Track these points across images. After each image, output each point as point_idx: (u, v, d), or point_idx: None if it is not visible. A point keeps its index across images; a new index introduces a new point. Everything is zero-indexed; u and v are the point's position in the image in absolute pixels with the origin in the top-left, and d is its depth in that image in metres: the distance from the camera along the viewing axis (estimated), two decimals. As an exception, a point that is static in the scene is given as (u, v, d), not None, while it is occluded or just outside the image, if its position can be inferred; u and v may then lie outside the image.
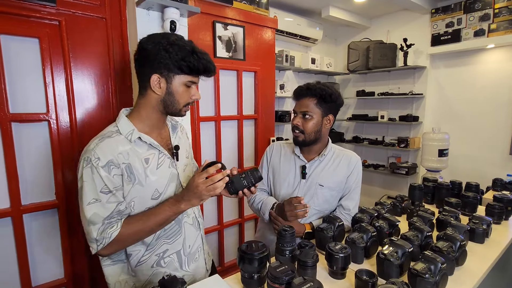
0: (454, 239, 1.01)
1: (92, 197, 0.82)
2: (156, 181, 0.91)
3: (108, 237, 0.83)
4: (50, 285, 1.42)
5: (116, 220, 0.85)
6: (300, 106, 1.26)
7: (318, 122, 1.25)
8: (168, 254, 0.96)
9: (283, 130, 3.52)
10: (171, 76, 0.87)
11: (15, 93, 1.27)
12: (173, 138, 1.01)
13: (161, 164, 0.93)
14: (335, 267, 0.94)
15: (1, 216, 1.27)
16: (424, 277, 0.83)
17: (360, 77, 3.93)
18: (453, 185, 1.65)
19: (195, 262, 1.03)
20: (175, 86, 0.89)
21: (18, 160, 1.29)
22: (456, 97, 3.22)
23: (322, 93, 1.22)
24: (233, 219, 2.29)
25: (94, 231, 0.83)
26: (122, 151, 0.85)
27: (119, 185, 0.85)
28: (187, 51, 0.86)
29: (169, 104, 0.91)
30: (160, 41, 0.85)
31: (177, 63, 0.85)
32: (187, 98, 0.92)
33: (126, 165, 0.85)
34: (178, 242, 0.98)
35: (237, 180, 0.96)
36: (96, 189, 0.82)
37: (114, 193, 0.84)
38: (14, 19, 1.23)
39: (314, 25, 3.38)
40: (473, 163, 3.12)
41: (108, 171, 0.82)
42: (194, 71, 0.88)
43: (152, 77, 0.87)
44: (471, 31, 2.92)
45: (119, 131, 0.88)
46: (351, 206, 1.29)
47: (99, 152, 0.82)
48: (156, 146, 0.92)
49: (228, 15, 2.01)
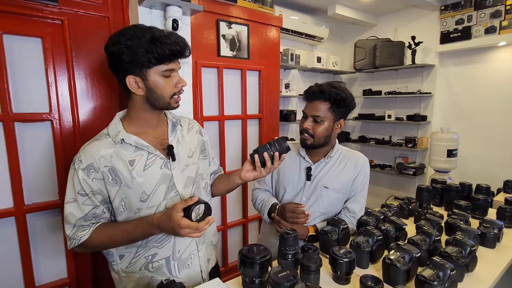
0: (464, 244, 0.97)
1: (71, 197, 0.85)
2: (143, 183, 0.87)
3: (78, 239, 0.86)
4: (53, 284, 1.42)
5: (90, 224, 0.87)
6: (311, 109, 1.20)
7: (329, 127, 1.20)
8: (157, 259, 0.93)
9: (288, 130, 3.49)
10: (144, 72, 0.83)
11: (18, 93, 1.27)
12: (171, 137, 0.96)
13: (150, 165, 0.89)
14: (339, 272, 0.91)
15: (5, 215, 1.27)
16: (433, 284, 0.79)
17: (366, 76, 3.87)
18: (463, 187, 1.60)
19: (186, 269, 0.98)
20: (153, 81, 0.84)
21: (21, 160, 1.29)
22: (466, 96, 3.14)
23: (337, 98, 1.16)
24: (237, 219, 2.27)
25: (68, 229, 0.86)
26: (104, 154, 0.84)
27: (97, 189, 0.85)
28: (147, 40, 0.79)
29: (154, 100, 0.87)
30: (119, 39, 0.80)
31: (144, 57, 0.79)
32: (171, 88, 0.87)
33: (109, 168, 0.85)
34: (167, 247, 0.94)
35: (263, 148, 0.91)
36: (74, 190, 0.85)
37: (90, 197, 0.85)
38: (17, 18, 1.23)
39: (320, 23, 3.34)
40: (483, 164, 3.04)
41: (87, 174, 0.83)
42: (164, 59, 0.82)
43: (127, 79, 0.83)
44: (481, 28, 2.84)
45: (108, 133, 0.89)
46: (356, 209, 1.25)
47: (82, 155, 0.85)
48: (143, 147, 0.88)
49: (232, 14, 1.98)
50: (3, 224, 1.29)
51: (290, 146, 1.35)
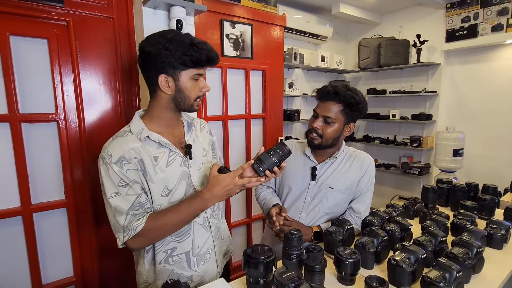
0: (470, 245, 0.96)
1: (113, 191, 0.86)
2: (165, 178, 0.91)
3: (134, 229, 0.85)
4: (60, 283, 1.44)
5: (142, 214, 0.88)
6: (323, 109, 1.18)
7: (339, 129, 1.19)
8: (177, 253, 0.96)
9: (292, 129, 3.48)
10: (177, 73, 0.88)
11: (25, 94, 1.28)
12: (187, 136, 1.00)
13: (172, 162, 0.93)
14: (344, 273, 0.91)
15: (12, 215, 1.29)
16: (439, 286, 0.78)
17: (371, 75, 3.85)
18: (469, 187, 1.58)
19: (204, 263, 1.02)
20: (183, 82, 0.89)
21: (28, 160, 1.30)
22: (472, 94, 3.11)
23: (351, 101, 1.14)
24: (241, 219, 2.27)
25: (121, 220, 0.86)
26: (133, 147, 0.88)
27: (133, 179, 0.87)
28: (186, 44, 0.85)
29: (181, 101, 0.91)
30: (158, 40, 0.85)
31: (180, 59, 0.85)
32: (197, 91, 0.92)
33: (139, 159, 0.88)
34: (187, 242, 0.97)
35: (265, 157, 0.92)
36: (114, 184, 0.86)
37: (131, 186, 0.86)
38: (23, 20, 1.24)
39: (324, 22, 3.32)
40: (490, 164, 3.01)
41: (121, 166, 0.85)
42: (198, 63, 0.88)
43: (159, 78, 0.87)
44: (488, 26, 2.80)
45: (131, 130, 0.91)
46: (361, 209, 1.24)
47: (111, 149, 0.86)
48: (165, 145, 0.92)
49: (236, 13, 1.98)
50: (11, 224, 1.30)
51: (295, 146, 1.36)
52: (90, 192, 1.46)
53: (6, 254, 1.31)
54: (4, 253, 1.30)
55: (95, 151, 1.46)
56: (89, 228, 1.48)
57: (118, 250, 1.55)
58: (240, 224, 2.25)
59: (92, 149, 1.44)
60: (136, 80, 1.53)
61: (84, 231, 1.47)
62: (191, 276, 0.99)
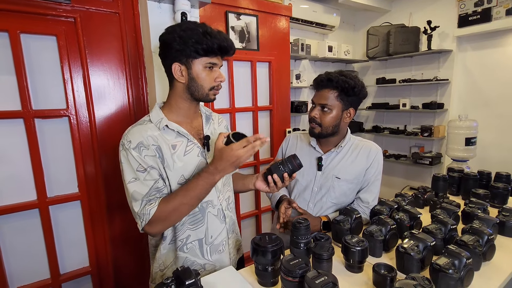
0: (481, 232, 0.95)
1: (132, 176, 0.88)
2: (183, 167, 0.93)
3: (148, 214, 0.87)
4: (76, 272, 1.49)
5: (155, 198, 0.90)
6: (319, 98, 1.19)
7: (338, 116, 1.19)
8: (191, 241, 0.99)
9: (299, 121, 3.46)
10: (190, 61, 0.89)
11: (36, 90, 1.32)
12: (205, 128, 1.02)
13: (189, 151, 0.95)
14: (351, 261, 0.91)
15: (29, 207, 1.34)
16: (448, 272, 0.78)
17: (380, 64, 3.77)
18: (481, 175, 1.55)
19: (218, 254, 1.04)
20: (196, 71, 0.90)
21: (42, 155, 1.35)
22: (486, 82, 3.01)
23: (344, 86, 1.14)
24: (250, 210, 2.29)
25: (136, 206, 0.88)
26: (151, 134, 0.90)
27: (151, 165, 0.89)
28: (199, 33, 0.86)
29: (194, 90, 0.92)
30: (174, 29, 0.88)
31: (193, 47, 0.86)
32: (210, 81, 0.92)
33: (156, 146, 0.90)
34: (200, 230, 0.99)
35: (276, 169, 0.95)
36: (133, 169, 0.88)
37: (149, 171, 0.88)
38: (32, 18, 1.27)
39: (331, 11, 3.26)
40: (505, 153, 2.93)
41: (139, 151, 0.87)
42: (210, 52, 0.88)
43: (173, 66, 0.90)
44: (502, 9, 2.69)
45: (151, 120, 0.94)
46: (369, 199, 1.24)
47: (130, 136, 0.89)
48: (183, 134, 0.94)
49: (240, 5, 1.97)
50: (28, 216, 1.36)
51: (300, 137, 1.36)
52: (103, 184, 1.50)
53: (25, 245, 1.37)
54: (23, 244, 1.36)
55: (106, 144, 1.49)
56: (102, 219, 1.53)
57: (130, 240, 1.62)
58: (249, 216, 2.28)
59: (102, 142, 1.48)
60: (143, 75, 1.55)
61: (97, 223, 1.52)
62: (204, 264, 1.01)
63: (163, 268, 1.00)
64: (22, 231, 1.35)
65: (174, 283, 0.71)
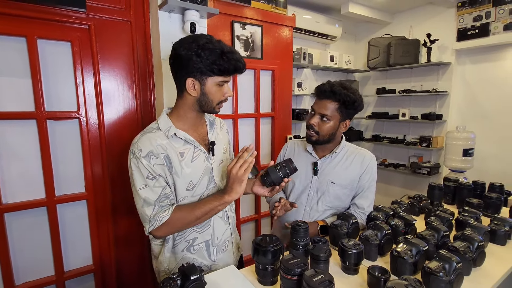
0: (472, 239, 0.99)
1: (142, 183, 0.92)
2: (191, 173, 0.98)
3: (159, 220, 0.92)
4: (80, 270, 1.53)
5: (168, 205, 0.95)
6: (319, 107, 1.24)
7: (335, 126, 1.24)
8: (198, 243, 1.04)
9: (300, 128, 3.52)
10: (204, 78, 0.93)
11: (50, 93, 1.38)
12: (210, 134, 1.07)
13: (196, 158, 1.00)
14: (347, 263, 0.96)
15: (38, 205, 1.39)
16: (438, 275, 0.82)
17: (380, 74, 3.84)
18: (476, 185, 1.60)
19: (222, 253, 1.10)
20: (208, 87, 0.94)
21: (52, 155, 1.40)
22: (484, 94, 3.08)
23: (346, 99, 1.19)
24: (250, 215, 2.33)
25: (149, 211, 0.92)
26: (160, 143, 0.94)
27: (159, 173, 0.94)
28: (217, 53, 0.90)
29: (204, 104, 0.97)
30: (191, 46, 0.90)
31: (209, 67, 0.90)
32: (220, 96, 0.98)
33: (165, 155, 0.94)
34: (207, 233, 1.05)
35: (272, 172, 1.01)
36: (143, 176, 0.92)
37: (157, 179, 0.93)
38: (49, 24, 1.34)
39: (333, 22, 3.35)
40: (501, 164, 2.98)
41: (149, 160, 0.92)
42: (225, 72, 0.93)
43: (187, 81, 0.93)
44: (500, 24, 2.78)
45: (159, 127, 0.97)
46: (365, 205, 1.29)
47: (141, 144, 0.92)
48: (191, 142, 0.99)
49: (246, 15, 2.04)
50: (36, 214, 1.40)
51: (297, 143, 1.42)
52: (109, 185, 1.55)
53: (32, 242, 1.41)
54: (30, 240, 1.41)
55: (113, 146, 1.55)
56: (107, 220, 1.57)
57: (133, 240, 1.66)
58: (249, 220, 2.32)
59: (110, 144, 1.53)
60: (151, 80, 1.61)
61: (102, 223, 1.56)
62: (210, 266, 1.07)
63: (168, 272, 1.05)
64: (30, 228, 1.40)
65: (180, 278, 0.76)
